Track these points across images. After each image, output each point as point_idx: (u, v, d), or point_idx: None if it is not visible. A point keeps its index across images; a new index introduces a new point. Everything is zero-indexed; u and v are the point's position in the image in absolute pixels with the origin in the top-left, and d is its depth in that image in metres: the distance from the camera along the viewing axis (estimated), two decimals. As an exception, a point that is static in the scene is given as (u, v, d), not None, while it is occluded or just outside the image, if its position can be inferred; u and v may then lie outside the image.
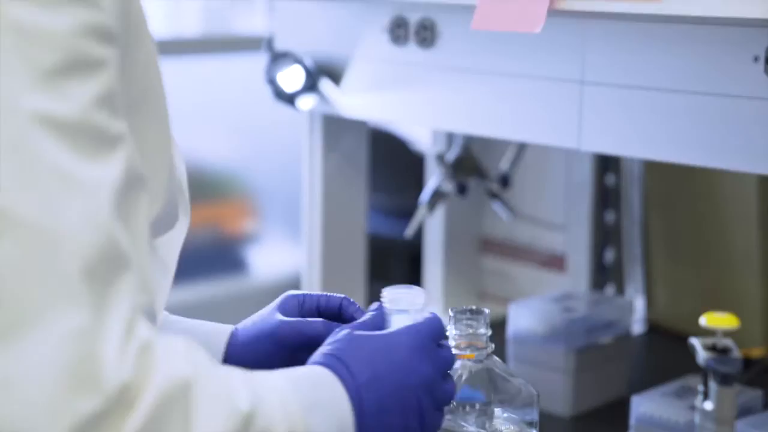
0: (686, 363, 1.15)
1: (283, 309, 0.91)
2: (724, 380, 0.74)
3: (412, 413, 0.79)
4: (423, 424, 0.80)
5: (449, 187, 1.45)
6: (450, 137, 1.57)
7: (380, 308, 0.85)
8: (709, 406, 0.75)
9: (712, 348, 0.76)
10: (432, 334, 0.82)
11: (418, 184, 1.58)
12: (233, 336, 0.91)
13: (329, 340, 0.81)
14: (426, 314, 0.84)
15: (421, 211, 1.46)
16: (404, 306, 0.84)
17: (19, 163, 0.61)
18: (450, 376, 0.83)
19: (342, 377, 0.77)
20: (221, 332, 0.92)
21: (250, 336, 0.90)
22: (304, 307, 0.92)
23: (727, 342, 0.76)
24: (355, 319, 0.87)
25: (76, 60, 0.63)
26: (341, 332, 0.81)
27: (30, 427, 0.59)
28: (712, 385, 0.75)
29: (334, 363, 0.78)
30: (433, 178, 1.47)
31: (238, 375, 0.70)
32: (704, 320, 0.76)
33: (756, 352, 1.43)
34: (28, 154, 0.61)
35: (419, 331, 0.81)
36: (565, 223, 1.58)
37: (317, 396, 0.75)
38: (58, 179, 0.61)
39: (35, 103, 0.61)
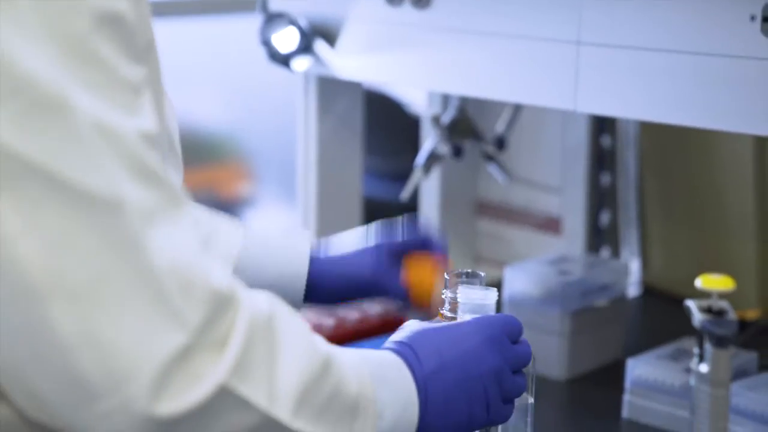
0: (682, 326, 1.15)
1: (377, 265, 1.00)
2: (720, 342, 0.74)
3: (478, 402, 0.80)
4: (489, 414, 0.81)
5: (445, 149, 1.44)
6: (445, 99, 1.56)
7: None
8: (704, 368, 0.75)
9: (707, 310, 0.75)
10: (505, 328, 0.83)
11: (414, 147, 1.57)
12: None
13: (400, 330, 0.83)
14: (500, 314, 0.86)
15: (416, 174, 1.45)
16: (477, 305, 0.86)
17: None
18: (523, 373, 0.84)
19: (410, 363, 0.78)
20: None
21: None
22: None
23: (723, 304, 0.75)
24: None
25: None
26: (412, 324, 0.83)
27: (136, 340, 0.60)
28: (708, 347, 0.75)
29: (403, 349, 0.79)
30: (429, 141, 1.46)
31: (310, 332, 0.72)
32: (700, 282, 0.75)
33: (751, 315, 1.44)
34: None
35: (491, 324, 0.83)
36: (560, 185, 1.58)
37: (385, 373, 0.77)
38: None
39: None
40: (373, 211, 1.76)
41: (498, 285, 1.39)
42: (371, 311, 1.42)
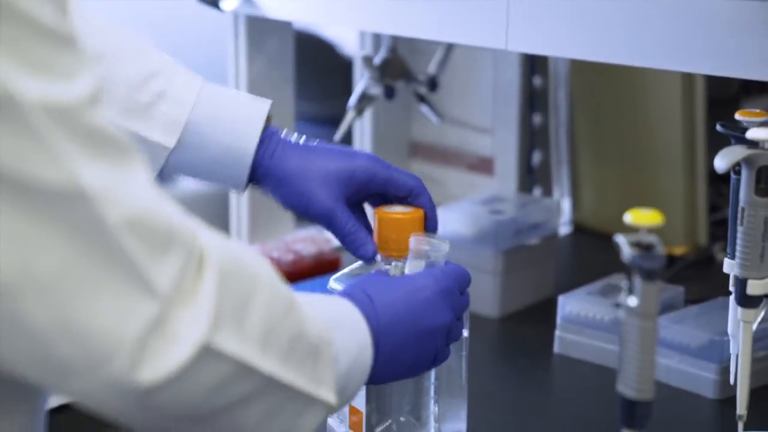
0: (612, 262, 1.17)
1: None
2: (648, 276, 0.75)
3: (425, 354, 0.82)
4: (434, 363, 0.84)
5: (377, 90, 1.44)
6: (377, 39, 1.55)
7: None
8: (633, 301, 0.76)
9: (636, 245, 0.76)
10: (458, 280, 0.84)
11: (346, 91, 1.56)
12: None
13: (353, 274, 0.84)
14: (453, 264, 0.86)
15: (349, 116, 1.45)
16: (429, 254, 0.86)
17: None
18: (462, 317, 0.86)
19: (366, 313, 0.79)
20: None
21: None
22: (371, 183, 0.92)
23: (652, 239, 0.76)
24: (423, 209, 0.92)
25: None
26: (365, 270, 0.84)
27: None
28: (636, 281, 0.76)
29: (360, 298, 0.79)
30: (361, 82, 1.45)
31: (278, 278, 0.71)
32: (629, 217, 0.76)
33: (678, 251, 1.46)
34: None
35: (446, 276, 0.83)
36: (492, 126, 1.59)
37: (342, 320, 0.77)
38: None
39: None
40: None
41: (431, 225, 1.40)
42: (305, 253, 1.42)
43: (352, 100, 1.45)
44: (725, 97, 1.50)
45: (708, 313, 1.18)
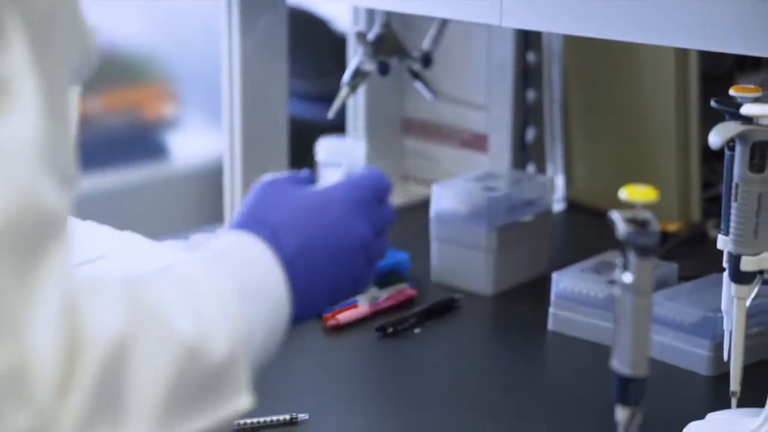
0: (605, 239, 1.17)
1: None
2: (643, 252, 0.75)
3: (345, 276, 0.74)
4: (356, 286, 0.76)
5: (371, 66, 1.43)
6: (371, 15, 1.54)
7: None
8: (627, 278, 0.76)
9: (631, 221, 0.76)
10: (373, 188, 0.75)
11: (340, 68, 1.55)
12: None
13: (254, 196, 0.73)
14: (367, 169, 0.77)
15: (342, 92, 1.44)
16: (341, 159, 0.77)
17: None
18: (386, 232, 0.77)
19: (274, 248, 0.70)
20: None
21: None
22: None
23: (646, 215, 0.76)
24: None
25: None
26: (268, 188, 0.74)
27: None
28: (631, 257, 0.76)
29: (263, 232, 0.71)
30: (355, 58, 1.44)
31: (177, 291, 0.64)
32: (624, 193, 0.76)
33: (672, 227, 1.46)
34: None
35: (359, 185, 0.75)
36: (486, 102, 1.58)
37: (251, 279, 0.69)
38: None
39: None
40: (300, 133, 1.75)
41: (426, 202, 1.40)
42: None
43: (346, 76, 1.44)
44: (719, 72, 1.49)
45: (701, 289, 1.18)
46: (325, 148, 0.78)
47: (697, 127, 1.47)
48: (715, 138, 0.90)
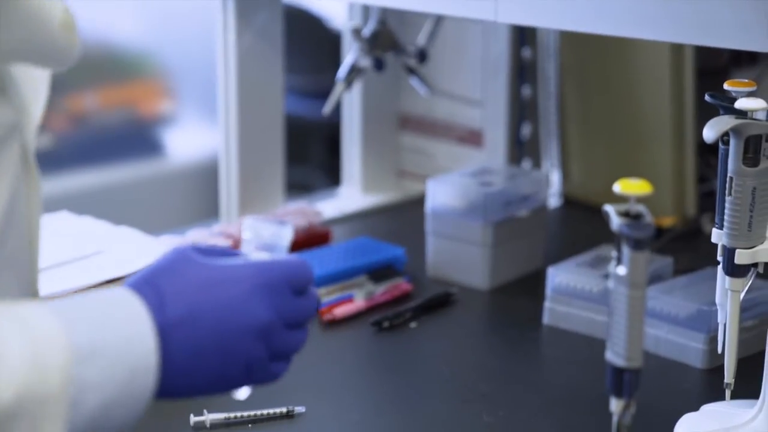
0: (600, 234, 1.17)
1: None
2: (637, 245, 0.76)
3: (234, 360, 0.68)
4: (250, 375, 0.69)
5: (366, 62, 1.44)
6: (366, 11, 1.55)
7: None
8: (621, 271, 0.77)
9: (625, 214, 0.77)
10: (288, 275, 0.70)
11: (336, 64, 1.56)
12: None
13: (158, 259, 0.69)
14: (290, 256, 0.73)
15: (338, 88, 1.45)
16: (267, 241, 0.74)
17: None
18: (303, 327, 0.72)
19: (152, 308, 0.66)
20: None
21: None
22: None
23: (640, 208, 0.77)
24: None
25: None
26: (174, 254, 0.69)
27: None
28: (625, 250, 0.76)
29: (150, 296, 0.66)
30: (350, 54, 1.45)
31: (10, 348, 0.59)
32: (618, 187, 0.76)
33: (667, 222, 1.47)
34: None
35: (270, 269, 0.70)
36: (482, 98, 1.59)
37: (105, 338, 0.63)
38: None
39: None
40: (295, 129, 1.75)
41: (421, 198, 1.41)
42: (295, 225, 1.42)
43: (341, 72, 1.44)
44: (715, 67, 1.50)
45: (696, 283, 1.19)
46: (251, 227, 0.75)
47: (693, 122, 1.48)
48: (709, 132, 0.90)
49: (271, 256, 0.72)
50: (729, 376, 0.96)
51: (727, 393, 0.97)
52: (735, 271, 0.93)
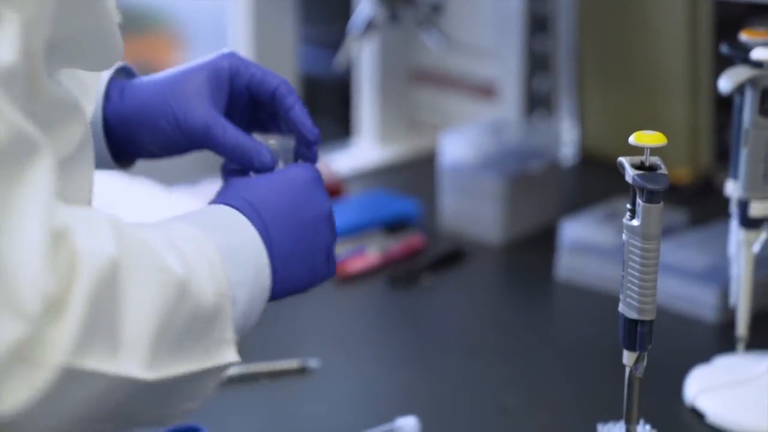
0: (615, 188, 1.17)
1: (211, 83, 0.78)
2: (651, 196, 0.75)
3: (318, 249, 0.75)
4: (329, 263, 0.76)
5: (380, 15, 1.42)
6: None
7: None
8: (636, 222, 0.76)
9: (640, 166, 0.76)
10: (318, 172, 0.77)
11: (348, 15, 1.54)
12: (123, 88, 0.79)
13: (224, 185, 0.75)
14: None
15: (350, 41, 1.44)
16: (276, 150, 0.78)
17: None
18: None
19: (250, 217, 0.72)
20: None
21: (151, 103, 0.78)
22: (234, 82, 0.79)
23: (655, 159, 0.76)
24: (287, 114, 0.78)
25: None
26: (233, 179, 0.75)
27: None
28: (639, 201, 0.76)
29: (240, 204, 0.72)
30: (363, 6, 1.44)
31: (162, 236, 0.65)
32: (632, 138, 0.76)
33: (682, 173, 1.46)
34: None
35: (312, 168, 0.76)
36: (496, 50, 1.57)
37: (233, 242, 0.70)
38: None
39: None
40: (310, 82, 1.75)
41: (434, 152, 1.40)
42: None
43: (353, 24, 1.43)
44: (733, 18, 1.48)
45: (710, 237, 1.18)
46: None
47: (709, 74, 1.46)
48: (726, 83, 0.89)
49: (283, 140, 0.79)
50: (741, 328, 0.96)
51: (740, 345, 0.97)
52: (749, 223, 0.92)
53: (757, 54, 0.89)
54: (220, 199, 0.74)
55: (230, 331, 0.67)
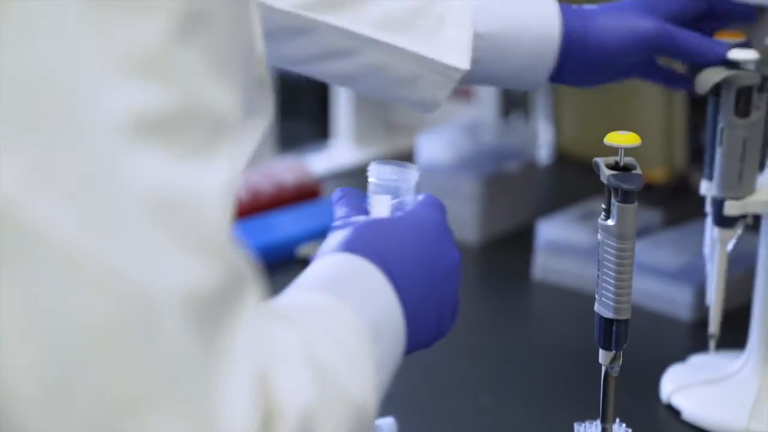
0: (591, 188, 1.17)
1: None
2: (626, 196, 0.76)
3: (446, 302, 0.69)
4: (453, 318, 0.71)
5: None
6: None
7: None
8: (611, 222, 0.77)
9: (614, 166, 0.77)
10: (444, 211, 0.71)
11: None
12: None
13: (351, 231, 0.66)
14: (428, 195, 0.73)
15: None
16: (393, 185, 0.72)
17: (98, 190, 0.46)
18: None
19: (387, 275, 0.65)
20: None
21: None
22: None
23: (629, 160, 0.77)
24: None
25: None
26: (355, 222, 0.68)
27: None
28: (614, 201, 0.76)
29: (376, 258, 0.65)
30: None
31: (342, 354, 0.59)
32: (607, 139, 0.77)
33: (657, 173, 1.47)
34: (109, 172, 0.46)
35: (438, 208, 0.70)
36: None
37: (380, 319, 0.63)
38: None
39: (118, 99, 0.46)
40: (285, 83, 1.74)
41: (411, 152, 1.40)
42: (285, 181, 1.42)
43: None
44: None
45: (685, 236, 1.19)
46: (376, 173, 0.73)
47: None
48: (701, 83, 0.90)
49: (401, 199, 0.72)
50: (714, 327, 0.96)
51: (711, 343, 0.97)
52: (724, 222, 0.93)
53: (733, 54, 0.90)
54: (351, 247, 0.65)
55: (373, 421, 0.62)
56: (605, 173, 0.76)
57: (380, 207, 0.72)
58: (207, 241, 0.49)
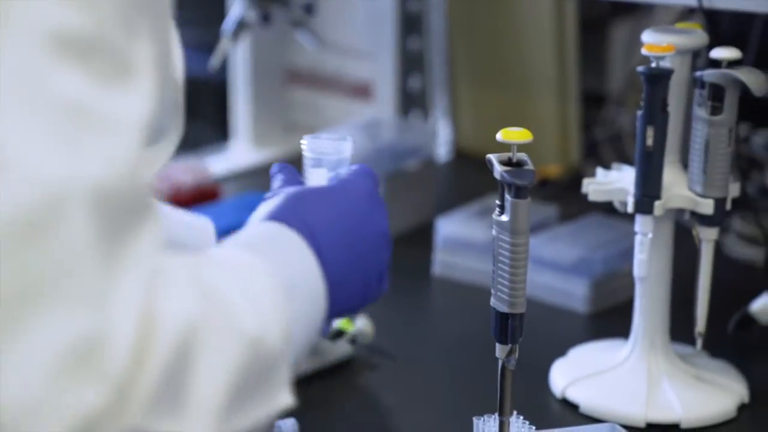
0: (490, 185, 1.18)
1: None
2: (518, 192, 0.77)
3: (372, 269, 0.71)
4: (381, 283, 0.72)
5: (252, 16, 1.42)
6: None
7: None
8: (505, 218, 0.78)
9: (507, 162, 0.78)
10: (376, 181, 0.74)
11: (222, 18, 1.53)
12: None
13: (280, 199, 0.69)
14: (361, 165, 0.75)
15: (224, 42, 1.43)
16: (327, 158, 0.74)
17: (22, 94, 0.51)
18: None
19: (308, 242, 0.67)
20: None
21: None
22: None
23: (522, 156, 0.78)
24: None
25: None
26: (285, 192, 0.70)
27: (30, 421, 0.51)
28: (508, 197, 0.77)
29: (298, 225, 0.67)
30: (235, 7, 1.43)
31: (238, 287, 0.61)
32: (500, 135, 0.78)
33: (552, 169, 1.49)
34: (33, 82, 0.51)
35: (369, 177, 0.73)
36: (370, 51, 1.58)
37: (294, 277, 0.65)
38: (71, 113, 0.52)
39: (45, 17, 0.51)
40: (185, 84, 1.72)
41: (310, 152, 1.40)
42: (183, 182, 1.40)
43: (226, 25, 1.42)
44: (595, 18, 1.52)
45: (580, 231, 1.21)
46: (310, 146, 0.75)
47: (575, 72, 1.50)
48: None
49: (336, 171, 0.74)
50: (701, 325, 0.97)
51: (698, 342, 0.98)
52: (703, 220, 0.94)
53: (716, 54, 0.92)
54: (277, 215, 0.68)
55: (287, 375, 0.64)
56: (498, 169, 0.77)
57: (317, 180, 0.74)
58: (118, 154, 0.53)
